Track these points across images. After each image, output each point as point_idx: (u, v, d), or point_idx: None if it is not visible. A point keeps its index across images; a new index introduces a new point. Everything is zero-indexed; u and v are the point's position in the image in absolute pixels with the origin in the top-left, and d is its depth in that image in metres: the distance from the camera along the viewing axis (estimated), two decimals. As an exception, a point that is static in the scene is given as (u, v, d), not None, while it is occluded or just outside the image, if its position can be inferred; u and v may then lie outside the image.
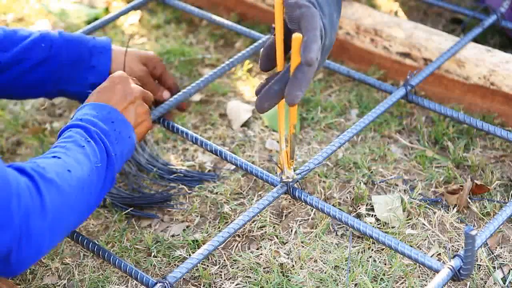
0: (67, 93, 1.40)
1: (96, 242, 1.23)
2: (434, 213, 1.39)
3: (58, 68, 1.35)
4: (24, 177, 1.03)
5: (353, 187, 1.44)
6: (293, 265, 1.30)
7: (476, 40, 1.65)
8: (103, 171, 1.15)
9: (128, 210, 1.40)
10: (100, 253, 1.20)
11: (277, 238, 1.36)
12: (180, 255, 1.33)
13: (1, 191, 0.96)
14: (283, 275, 1.28)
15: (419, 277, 1.28)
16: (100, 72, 1.38)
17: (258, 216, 1.37)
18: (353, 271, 1.28)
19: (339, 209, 1.38)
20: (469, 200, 1.40)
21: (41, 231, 1.03)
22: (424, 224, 1.37)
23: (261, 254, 1.33)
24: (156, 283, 1.12)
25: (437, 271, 1.12)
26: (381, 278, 1.27)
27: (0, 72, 1.32)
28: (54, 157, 1.11)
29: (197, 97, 1.69)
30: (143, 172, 1.50)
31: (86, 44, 1.37)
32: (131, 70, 1.40)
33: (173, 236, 1.37)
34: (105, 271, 1.31)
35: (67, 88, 1.38)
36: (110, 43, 1.40)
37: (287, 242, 1.35)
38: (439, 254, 1.32)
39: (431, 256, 1.31)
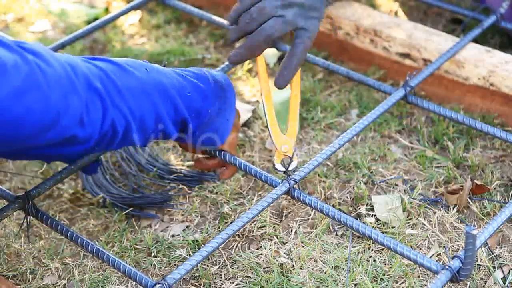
0: (65, 155, 1.34)
1: (95, 243, 1.23)
2: (434, 213, 1.39)
3: None
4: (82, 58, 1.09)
5: (353, 187, 1.44)
6: (293, 265, 1.30)
7: (476, 40, 1.65)
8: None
9: (128, 210, 1.40)
10: (99, 254, 1.20)
11: (277, 238, 1.36)
12: (180, 255, 1.33)
13: (60, 62, 1.01)
14: (283, 275, 1.28)
15: (419, 277, 1.28)
16: None
17: (258, 216, 1.37)
18: (353, 271, 1.28)
19: (339, 209, 1.39)
20: (469, 200, 1.40)
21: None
22: (424, 224, 1.37)
23: (261, 254, 1.33)
24: (155, 284, 1.11)
25: (436, 272, 1.12)
26: (381, 278, 1.27)
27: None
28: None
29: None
30: (143, 172, 1.50)
31: None
32: None
33: (173, 236, 1.37)
34: (105, 271, 1.31)
35: (67, 150, 1.34)
36: None
37: (287, 242, 1.35)
38: (439, 254, 1.32)
39: (431, 256, 1.31)
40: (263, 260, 1.32)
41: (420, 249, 1.33)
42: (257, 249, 1.34)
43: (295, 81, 1.33)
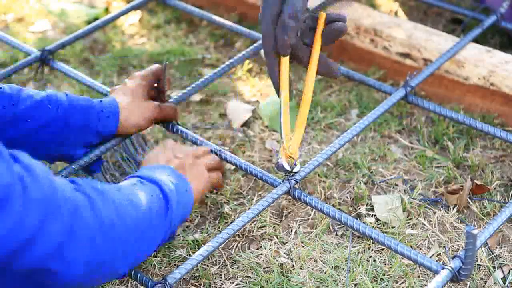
0: (67, 157, 1.35)
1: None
2: (434, 213, 1.39)
3: (64, 131, 1.30)
4: (75, 185, 1.01)
5: (353, 187, 1.44)
6: (293, 265, 1.30)
7: (476, 40, 1.66)
8: (161, 229, 1.15)
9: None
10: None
11: (277, 238, 1.36)
12: (180, 255, 1.33)
13: (45, 185, 0.92)
14: (283, 275, 1.28)
15: (419, 277, 1.28)
16: (105, 135, 1.35)
17: (258, 216, 1.37)
18: (353, 271, 1.28)
19: (339, 209, 1.39)
20: (469, 200, 1.40)
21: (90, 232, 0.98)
22: (424, 224, 1.37)
23: (261, 254, 1.33)
24: (155, 284, 1.11)
25: (436, 272, 1.12)
26: (381, 278, 1.27)
27: (7, 127, 1.27)
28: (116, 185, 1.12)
29: (197, 97, 1.69)
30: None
31: (93, 109, 1.32)
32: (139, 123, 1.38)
33: (173, 236, 1.37)
34: (105, 271, 1.31)
35: (69, 151, 1.33)
36: (118, 106, 1.34)
37: (287, 242, 1.35)
38: (439, 254, 1.32)
39: (431, 256, 1.31)
40: (263, 260, 1.32)
41: (420, 249, 1.33)
42: (257, 249, 1.34)
43: (308, 86, 1.29)
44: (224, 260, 1.32)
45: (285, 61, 1.27)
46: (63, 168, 1.33)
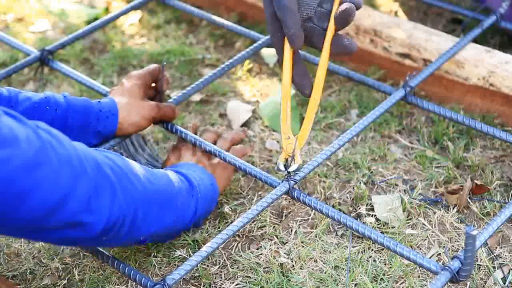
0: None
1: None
2: (434, 213, 1.39)
3: (63, 133, 1.29)
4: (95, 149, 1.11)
5: (353, 187, 1.44)
6: (293, 265, 1.30)
7: (476, 40, 1.65)
8: (186, 210, 1.24)
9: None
10: (99, 254, 1.20)
11: (277, 238, 1.36)
12: (180, 255, 1.33)
13: (68, 146, 1.01)
14: (283, 275, 1.28)
15: (419, 277, 1.28)
16: (104, 136, 1.35)
17: (258, 216, 1.37)
18: (353, 271, 1.28)
19: (339, 209, 1.39)
20: (469, 200, 1.41)
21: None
22: (424, 224, 1.37)
23: (261, 254, 1.33)
24: (155, 285, 1.11)
25: (435, 273, 1.12)
26: (381, 278, 1.27)
27: None
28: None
29: (197, 97, 1.69)
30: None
31: (92, 109, 1.33)
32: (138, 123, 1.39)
33: (173, 236, 1.37)
34: (105, 271, 1.31)
35: None
36: (116, 106, 1.35)
37: (287, 242, 1.35)
38: (439, 254, 1.32)
39: (431, 256, 1.31)
40: (263, 260, 1.32)
41: (420, 249, 1.33)
42: (257, 249, 1.34)
43: (317, 85, 1.26)
44: (224, 260, 1.32)
45: (287, 58, 1.25)
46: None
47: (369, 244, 1.33)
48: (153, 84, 1.46)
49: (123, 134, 1.37)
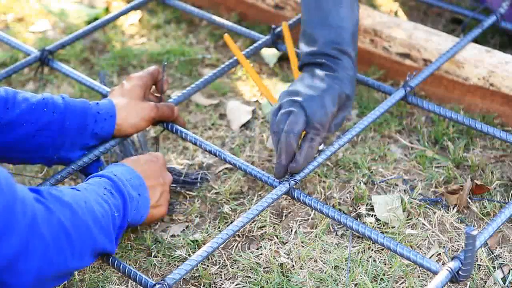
0: (64, 160, 1.34)
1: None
2: (434, 213, 1.39)
3: (61, 134, 1.30)
4: (35, 194, 1.02)
5: (353, 187, 1.44)
6: (293, 265, 1.30)
7: (476, 40, 1.65)
8: (113, 227, 1.15)
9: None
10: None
11: (277, 238, 1.36)
12: (180, 255, 1.33)
13: (6, 195, 0.93)
14: (283, 275, 1.28)
15: (419, 277, 1.28)
16: (102, 137, 1.35)
17: (258, 216, 1.37)
18: (353, 271, 1.28)
19: (339, 209, 1.39)
20: (469, 200, 1.41)
21: (45, 244, 1.00)
22: (424, 224, 1.37)
23: (261, 254, 1.33)
24: (155, 284, 1.11)
25: (435, 272, 1.12)
26: (381, 278, 1.28)
27: (3, 131, 1.25)
28: (74, 189, 1.13)
29: (197, 97, 1.69)
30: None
31: (90, 111, 1.32)
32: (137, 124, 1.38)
33: (173, 236, 1.37)
34: (105, 271, 1.31)
35: (67, 154, 1.33)
36: (115, 108, 1.34)
37: (287, 242, 1.35)
38: (439, 254, 1.32)
39: (431, 257, 1.31)
40: (263, 260, 1.32)
41: (420, 249, 1.33)
42: (257, 249, 1.34)
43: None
44: (224, 260, 1.32)
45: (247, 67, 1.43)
46: (62, 169, 1.33)
47: (369, 244, 1.33)
48: (153, 86, 1.46)
49: (122, 135, 1.37)
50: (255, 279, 1.28)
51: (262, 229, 1.38)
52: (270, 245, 1.34)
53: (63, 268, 1.06)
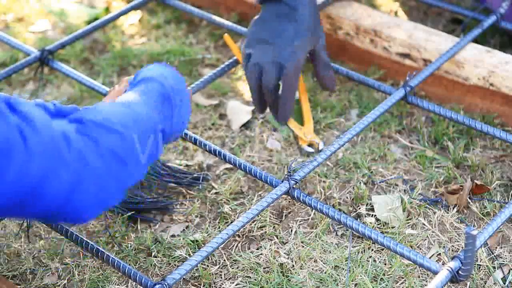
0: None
1: (95, 244, 1.23)
2: (434, 213, 1.39)
3: None
4: (76, 124, 1.01)
5: (353, 187, 1.44)
6: (293, 265, 1.30)
7: (476, 40, 1.65)
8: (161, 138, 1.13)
9: (129, 214, 1.40)
10: (99, 254, 1.20)
11: (277, 238, 1.36)
12: (180, 255, 1.33)
13: (44, 135, 0.92)
14: (283, 275, 1.28)
15: (419, 277, 1.28)
16: None
17: (258, 216, 1.37)
18: (353, 271, 1.28)
19: (339, 209, 1.39)
20: (469, 200, 1.41)
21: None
22: (424, 224, 1.37)
23: (261, 254, 1.33)
24: (155, 284, 1.11)
25: (435, 272, 1.12)
26: (381, 278, 1.27)
27: None
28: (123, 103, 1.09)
29: (197, 97, 1.69)
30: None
31: None
32: None
33: (173, 236, 1.37)
34: (105, 271, 1.31)
35: None
36: None
37: (287, 242, 1.35)
38: (439, 254, 1.32)
39: (431, 257, 1.32)
40: (263, 260, 1.32)
41: (420, 249, 1.33)
42: (257, 249, 1.34)
43: (301, 87, 1.55)
44: (224, 260, 1.32)
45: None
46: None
47: (369, 244, 1.33)
48: None
49: None
50: (255, 279, 1.28)
51: (262, 229, 1.38)
52: (270, 245, 1.34)
53: (122, 187, 1.05)
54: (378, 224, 1.37)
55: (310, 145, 1.51)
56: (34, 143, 0.90)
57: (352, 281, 1.27)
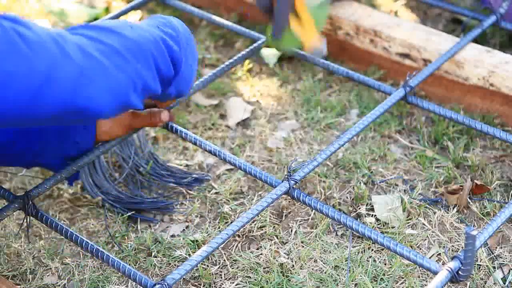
0: (46, 167, 1.34)
1: (95, 244, 1.23)
2: (434, 213, 1.39)
3: (41, 141, 1.28)
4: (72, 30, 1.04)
5: (353, 187, 1.44)
6: (293, 265, 1.30)
7: (476, 40, 1.65)
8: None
9: (129, 214, 1.40)
10: (99, 254, 1.20)
11: (277, 238, 1.36)
12: (180, 255, 1.33)
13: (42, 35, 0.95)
14: (283, 275, 1.28)
15: (419, 277, 1.28)
16: (82, 147, 1.32)
17: (258, 216, 1.37)
18: (353, 271, 1.28)
19: (339, 209, 1.39)
20: (469, 200, 1.41)
21: None
22: (424, 224, 1.37)
23: (261, 254, 1.33)
24: (155, 284, 1.11)
25: (435, 272, 1.12)
26: (381, 278, 1.28)
27: None
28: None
29: (197, 97, 1.69)
30: (143, 174, 1.50)
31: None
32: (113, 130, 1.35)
33: (173, 236, 1.37)
34: (105, 271, 1.31)
35: (45, 160, 1.31)
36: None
37: (287, 242, 1.35)
38: (439, 254, 1.32)
39: (431, 257, 1.32)
40: (263, 260, 1.32)
41: (420, 249, 1.33)
42: (257, 249, 1.34)
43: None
44: (224, 260, 1.32)
45: None
46: (63, 168, 1.32)
47: (369, 244, 1.33)
48: None
49: (99, 141, 1.34)
50: (255, 279, 1.28)
51: (262, 229, 1.38)
52: (270, 245, 1.34)
53: (132, 80, 1.07)
54: (378, 224, 1.37)
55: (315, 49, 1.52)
56: (32, 39, 0.93)
57: (352, 281, 1.27)
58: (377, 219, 1.38)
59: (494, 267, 1.30)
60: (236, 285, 1.28)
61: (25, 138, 1.27)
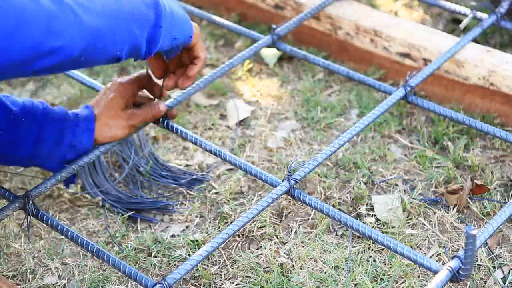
0: (41, 167, 1.34)
1: (95, 244, 1.23)
2: (434, 213, 1.39)
3: (37, 145, 1.29)
4: None
5: (353, 187, 1.44)
6: (293, 265, 1.30)
7: (476, 40, 1.65)
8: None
9: (129, 214, 1.40)
10: (99, 254, 1.20)
11: (277, 238, 1.36)
12: (180, 255, 1.33)
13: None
14: (283, 275, 1.28)
15: (419, 277, 1.28)
16: (80, 150, 1.32)
17: (258, 216, 1.37)
18: (353, 271, 1.28)
19: (339, 209, 1.39)
20: (469, 200, 1.41)
21: None
22: (424, 224, 1.37)
23: (261, 254, 1.33)
24: (155, 284, 1.11)
25: (435, 272, 1.12)
26: (381, 278, 1.28)
27: None
28: None
29: (197, 97, 1.69)
30: (143, 175, 1.50)
31: (69, 123, 1.30)
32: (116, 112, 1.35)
33: (173, 236, 1.37)
34: (105, 271, 1.31)
35: (41, 164, 1.32)
36: (94, 120, 1.32)
37: (287, 242, 1.35)
38: (439, 254, 1.32)
39: (431, 256, 1.32)
40: (263, 260, 1.32)
41: (420, 249, 1.33)
42: (257, 249, 1.34)
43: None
44: (224, 260, 1.32)
45: None
46: (63, 168, 1.32)
47: (369, 244, 1.33)
48: (144, 90, 1.41)
49: (100, 144, 1.35)
50: (255, 279, 1.28)
51: (262, 229, 1.38)
52: (270, 245, 1.34)
53: (113, 23, 1.11)
54: (378, 224, 1.37)
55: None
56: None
57: (352, 281, 1.27)
58: (377, 219, 1.38)
59: (494, 267, 1.30)
60: (236, 285, 1.28)
61: (22, 141, 1.27)
